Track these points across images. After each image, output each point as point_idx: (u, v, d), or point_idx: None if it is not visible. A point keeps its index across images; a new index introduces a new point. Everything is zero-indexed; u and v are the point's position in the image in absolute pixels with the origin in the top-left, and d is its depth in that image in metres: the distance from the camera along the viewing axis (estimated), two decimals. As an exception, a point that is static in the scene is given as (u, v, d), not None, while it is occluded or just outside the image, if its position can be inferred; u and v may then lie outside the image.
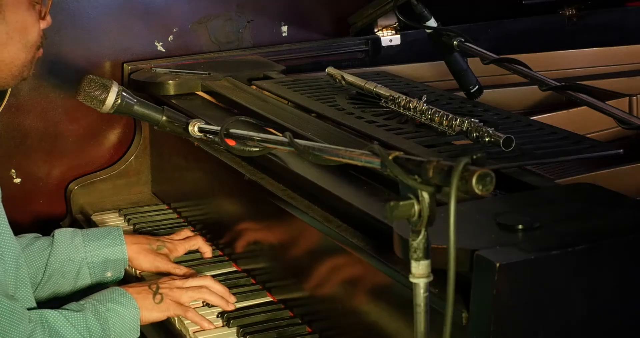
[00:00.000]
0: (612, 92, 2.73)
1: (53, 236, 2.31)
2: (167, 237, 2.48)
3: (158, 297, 2.12)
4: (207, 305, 2.18)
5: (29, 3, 1.98)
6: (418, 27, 2.72)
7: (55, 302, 2.24)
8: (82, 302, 2.06)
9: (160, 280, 2.19)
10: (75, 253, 2.28)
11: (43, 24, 2.06)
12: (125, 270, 2.36)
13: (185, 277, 2.27)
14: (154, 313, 2.12)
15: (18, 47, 1.99)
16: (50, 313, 1.99)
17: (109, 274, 2.31)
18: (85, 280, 2.29)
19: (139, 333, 2.09)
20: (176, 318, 2.15)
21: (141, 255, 2.34)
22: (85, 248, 2.29)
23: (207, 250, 2.45)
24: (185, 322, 2.13)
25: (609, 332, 1.53)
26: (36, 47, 2.05)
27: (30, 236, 2.31)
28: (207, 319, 2.13)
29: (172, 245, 2.42)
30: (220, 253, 2.47)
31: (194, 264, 2.40)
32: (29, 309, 2.00)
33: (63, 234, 2.31)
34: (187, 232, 2.51)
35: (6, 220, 2.00)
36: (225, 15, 3.18)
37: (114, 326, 2.04)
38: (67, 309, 2.03)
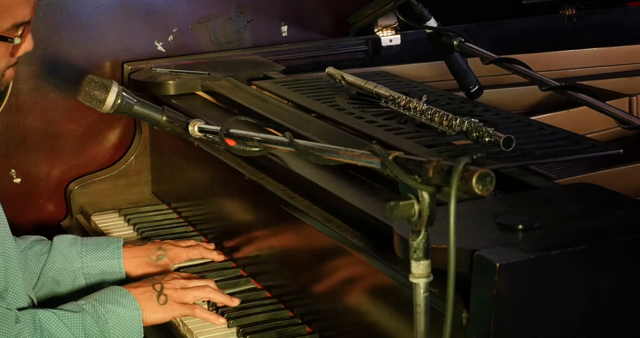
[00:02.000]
0: (612, 92, 2.72)
1: (52, 242, 2.29)
2: (171, 241, 2.43)
3: (162, 297, 2.10)
4: (207, 304, 2.18)
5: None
6: (418, 27, 2.72)
7: (54, 301, 2.21)
8: (81, 302, 2.03)
9: (163, 279, 2.16)
10: (71, 264, 2.26)
11: (20, 51, 2.02)
12: None
13: (187, 278, 2.25)
14: (159, 314, 2.10)
15: None
16: (43, 314, 1.95)
17: (105, 284, 2.28)
18: (82, 288, 2.28)
19: (142, 335, 2.06)
20: (180, 322, 2.14)
21: (139, 270, 2.31)
22: (81, 259, 2.27)
23: (213, 256, 2.42)
24: (190, 326, 2.12)
25: (609, 332, 1.53)
26: None
27: (31, 238, 2.30)
28: (215, 314, 2.13)
29: (174, 252, 2.38)
30: (219, 252, 2.46)
31: (198, 269, 2.38)
32: (22, 308, 1.97)
33: (62, 242, 2.29)
34: (192, 242, 2.46)
35: (3, 216, 1.99)
36: (225, 15, 3.18)
37: (113, 328, 2.01)
38: (64, 309, 1.99)
